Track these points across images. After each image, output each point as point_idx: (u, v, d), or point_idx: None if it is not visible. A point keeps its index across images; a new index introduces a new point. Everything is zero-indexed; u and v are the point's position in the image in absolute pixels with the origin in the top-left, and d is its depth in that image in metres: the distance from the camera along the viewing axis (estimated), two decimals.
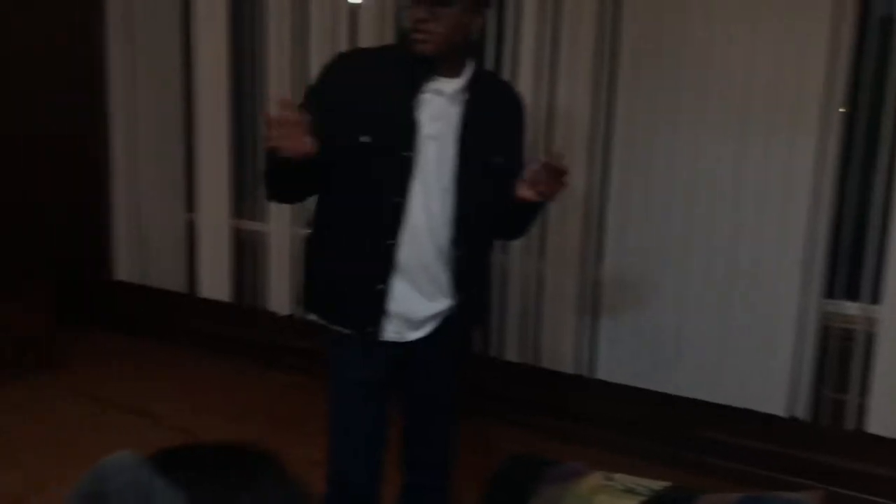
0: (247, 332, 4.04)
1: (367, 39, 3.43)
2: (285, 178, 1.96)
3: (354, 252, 1.97)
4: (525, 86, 3.08)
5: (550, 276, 3.29)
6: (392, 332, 2.01)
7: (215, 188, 3.99)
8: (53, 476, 2.83)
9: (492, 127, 2.00)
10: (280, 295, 3.89)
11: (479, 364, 3.25)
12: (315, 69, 3.46)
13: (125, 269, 4.29)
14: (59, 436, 3.28)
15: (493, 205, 2.03)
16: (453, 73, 1.94)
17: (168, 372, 3.97)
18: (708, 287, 2.99)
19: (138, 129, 4.15)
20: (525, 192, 1.93)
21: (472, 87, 1.96)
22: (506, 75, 3.15)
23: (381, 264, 1.95)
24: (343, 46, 3.51)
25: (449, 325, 2.07)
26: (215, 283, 4.06)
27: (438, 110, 1.94)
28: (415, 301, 2.00)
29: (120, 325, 4.33)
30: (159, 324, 4.26)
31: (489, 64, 3.26)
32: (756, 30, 2.81)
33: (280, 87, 3.70)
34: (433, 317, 2.04)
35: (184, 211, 4.14)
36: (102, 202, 4.25)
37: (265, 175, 1.99)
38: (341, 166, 1.94)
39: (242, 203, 4.00)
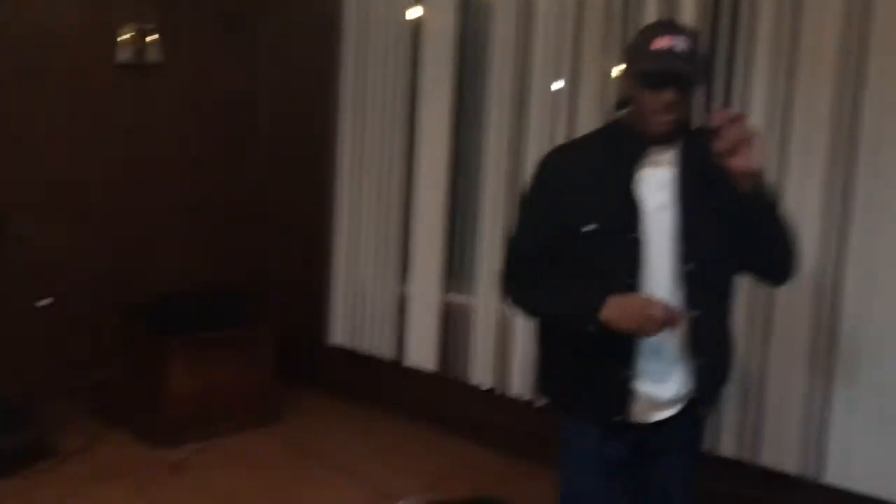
0: (448, 403, 4.09)
1: (586, 122, 3.50)
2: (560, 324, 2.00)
3: (593, 338, 1.88)
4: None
5: (775, 363, 3.06)
6: (637, 414, 1.97)
7: (428, 263, 4.17)
8: None
9: (713, 178, 1.85)
10: (483, 368, 3.92)
11: None
12: (531, 157, 3.59)
13: (340, 334, 4.55)
14: (269, 486, 3.48)
15: (736, 251, 1.94)
16: (668, 140, 1.92)
17: (372, 434, 4.09)
18: None
19: (360, 210, 4.47)
20: (730, 161, 1.76)
21: (686, 147, 1.93)
22: None
23: (625, 348, 1.90)
24: (560, 131, 3.61)
25: (691, 406, 1.99)
26: (421, 353, 4.18)
27: (658, 181, 1.92)
28: (660, 380, 1.95)
29: (332, 386, 4.55)
30: (367, 388, 4.43)
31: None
32: None
33: (497, 171, 3.85)
34: (677, 397, 1.98)
35: (397, 284, 4.34)
36: (325, 274, 4.57)
37: (548, 310, 2.01)
38: (573, 256, 1.94)
39: (452, 277, 4.14)
